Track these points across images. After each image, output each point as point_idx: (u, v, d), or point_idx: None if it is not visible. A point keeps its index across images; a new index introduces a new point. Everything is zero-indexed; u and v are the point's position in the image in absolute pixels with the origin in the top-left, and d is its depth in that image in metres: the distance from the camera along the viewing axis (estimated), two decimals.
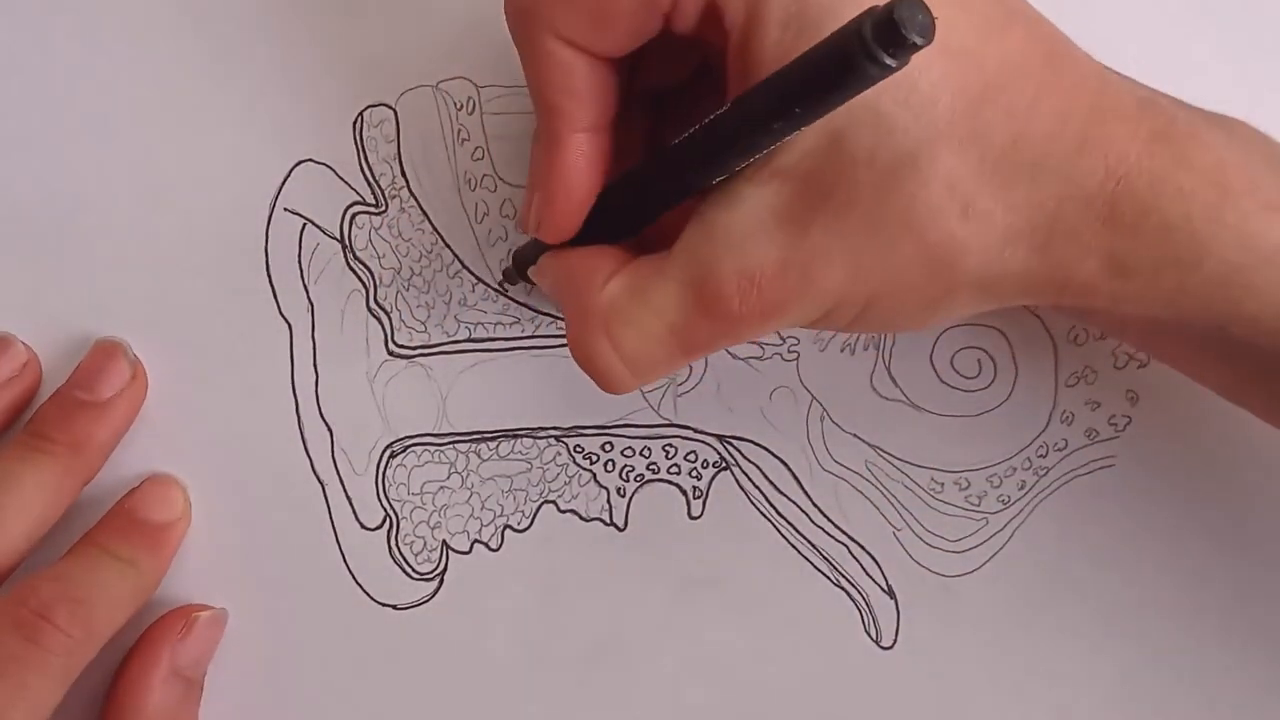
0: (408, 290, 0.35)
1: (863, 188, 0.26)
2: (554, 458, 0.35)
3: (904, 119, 0.25)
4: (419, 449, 0.35)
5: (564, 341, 0.35)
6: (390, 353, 0.35)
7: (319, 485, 0.35)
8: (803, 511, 0.35)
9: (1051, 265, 0.27)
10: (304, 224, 0.35)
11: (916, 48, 0.22)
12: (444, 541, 0.35)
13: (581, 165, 0.29)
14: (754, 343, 0.35)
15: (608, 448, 0.35)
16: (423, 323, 0.35)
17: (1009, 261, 0.27)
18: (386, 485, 0.35)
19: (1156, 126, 0.26)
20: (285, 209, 0.35)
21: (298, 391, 0.35)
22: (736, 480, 0.35)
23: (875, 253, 0.27)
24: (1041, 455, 0.35)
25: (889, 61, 0.22)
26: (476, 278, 0.35)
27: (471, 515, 0.35)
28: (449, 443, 0.35)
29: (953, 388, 0.35)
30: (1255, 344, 0.27)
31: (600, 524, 0.35)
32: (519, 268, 0.34)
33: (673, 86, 0.32)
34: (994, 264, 0.27)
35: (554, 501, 0.35)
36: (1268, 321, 0.26)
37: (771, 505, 0.35)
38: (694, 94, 0.32)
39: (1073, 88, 0.26)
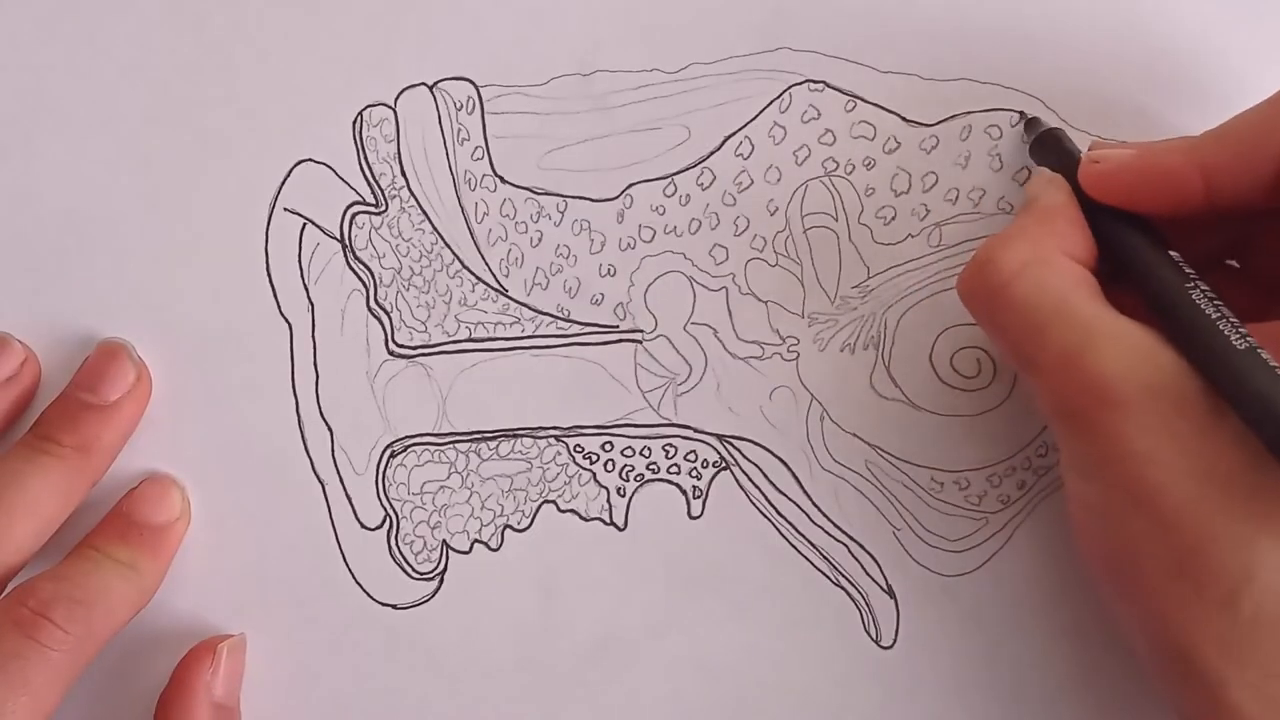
0: (408, 290, 0.35)
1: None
2: (554, 458, 0.35)
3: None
4: (419, 449, 0.35)
5: (564, 341, 0.35)
6: (390, 353, 0.35)
7: (319, 485, 0.35)
8: (803, 511, 0.35)
9: None
10: (304, 224, 0.35)
11: None
12: (444, 541, 0.35)
13: (1175, 177, 0.30)
14: (754, 342, 0.35)
15: (608, 447, 0.35)
16: (423, 323, 0.35)
17: None
18: (386, 485, 0.35)
19: None
20: (285, 209, 0.35)
21: (298, 391, 0.35)
22: (736, 480, 0.35)
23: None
24: (1041, 455, 0.35)
25: None
26: (476, 278, 0.35)
27: (471, 515, 0.35)
28: (449, 443, 0.35)
29: (953, 388, 0.35)
30: None
31: (600, 524, 0.35)
32: (1042, 141, 0.34)
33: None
34: None
35: (554, 501, 0.35)
36: None
37: (771, 505, 0.35)
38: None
39: None
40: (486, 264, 0.35)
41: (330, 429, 0.35)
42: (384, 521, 0.35)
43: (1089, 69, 0.35)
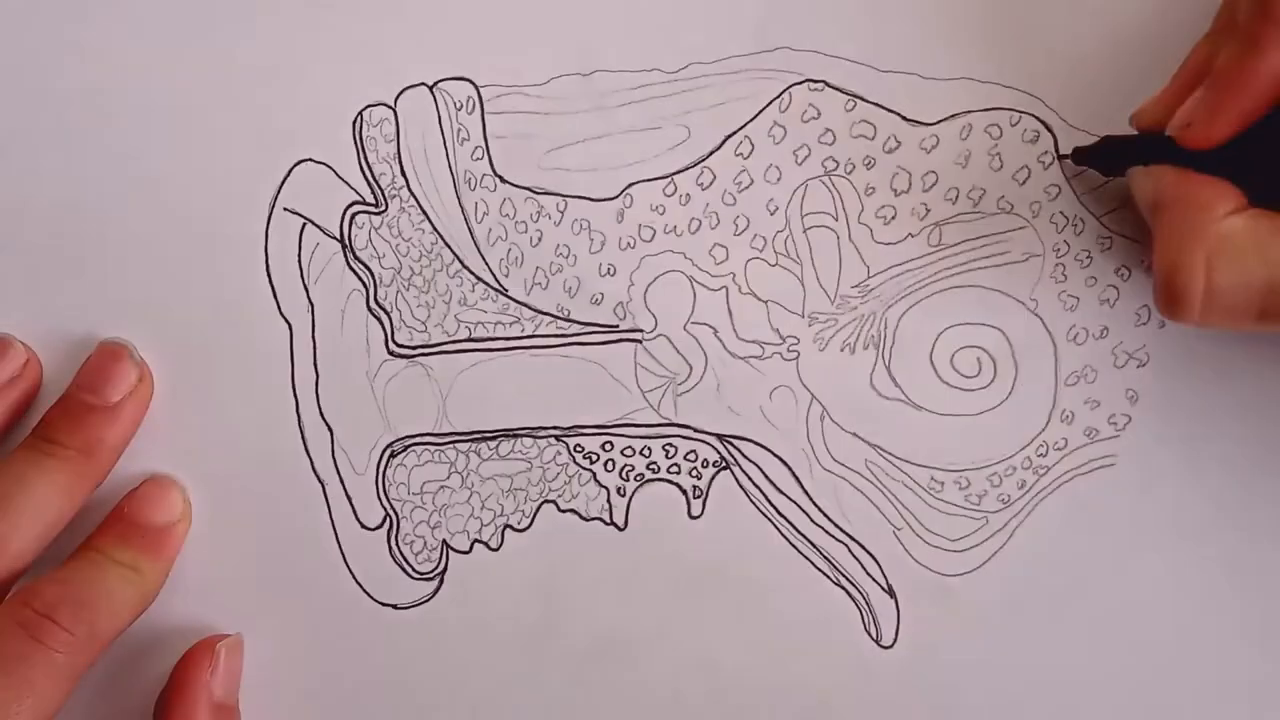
0: (408, 290, 0.35)
1: None
2: (554, 457, 0.35)
3: None
4: (419, 449, 0.35)
5: (564, 341, 0.35)
6: (390, 352, 0.35)
7: (319, 485, 0.35)
8: (803, 511, 0.35)
9: None
10: (304, 224, 0.35)
11: None
12: (444, 541, 0.35)
13: (1273, 80, 0.28)
14: (754, 342, 0.35)
15: (608, 447, 0.35)
16: (423, 322, 0.35)
17: None
18: (386, 485, 0.35)
19: None
20: (285, 209, 0.35)
21: (298, 391, 0.35)
22: (736, 480, 0.35)
23: None
24: (1041, 455, 0.35)
25: None
26: (476, 278, 0.35)
27: (471, 515, 0.35)
28: (449, 442, 0.35)
29: (953, 387, 0.35)
30: None
31: (600, 524, 0.35)
32: (1102, 157, 0.33)
33: None
34: None
35: (554, 501, 0.35)
36: None
37: (771, 505, 0.35)
38: None
39: None
40: (486, 264, 0.36)
41: (330, 429, 0.35)
42: (384, 521, 0.35)
43: (1089, 69, 0.35)
